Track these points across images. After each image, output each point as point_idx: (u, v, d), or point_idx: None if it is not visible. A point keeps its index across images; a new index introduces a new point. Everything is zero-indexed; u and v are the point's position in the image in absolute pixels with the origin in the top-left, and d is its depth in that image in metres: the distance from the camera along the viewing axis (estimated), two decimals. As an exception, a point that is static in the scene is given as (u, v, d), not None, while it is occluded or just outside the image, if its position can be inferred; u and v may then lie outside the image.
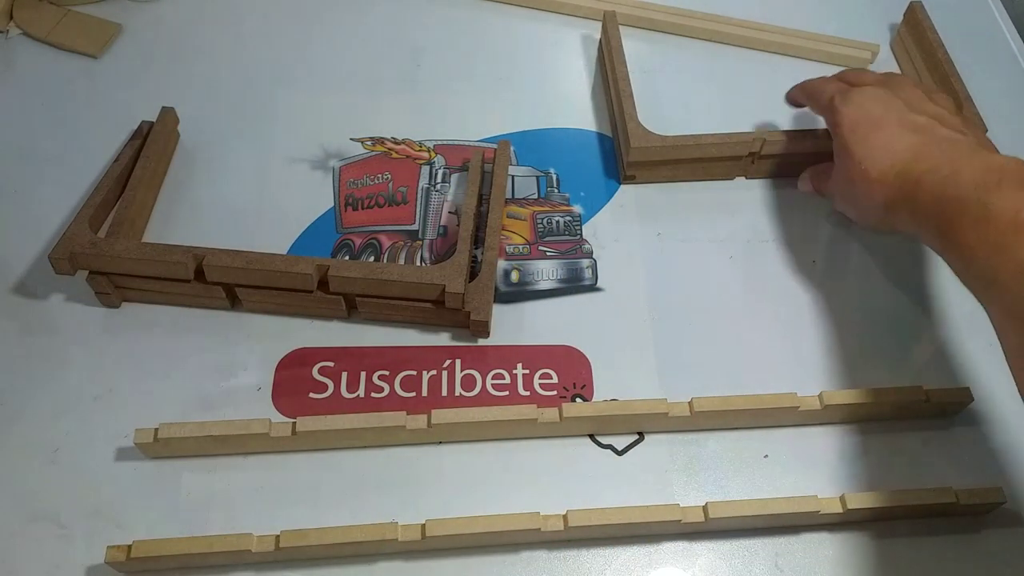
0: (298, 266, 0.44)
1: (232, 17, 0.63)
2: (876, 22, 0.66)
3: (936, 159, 0.40)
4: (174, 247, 0.45)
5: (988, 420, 0.46)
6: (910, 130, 0.43)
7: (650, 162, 0.54)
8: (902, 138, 0.42)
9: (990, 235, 0.36)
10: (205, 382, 0.45)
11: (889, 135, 0.43)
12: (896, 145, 0.42)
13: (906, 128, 0.43)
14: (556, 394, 0.45)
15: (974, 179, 0.38)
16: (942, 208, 0.38)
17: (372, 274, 0.44)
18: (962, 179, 0.38)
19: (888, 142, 0.42)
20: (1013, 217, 0.35)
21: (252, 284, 0.45)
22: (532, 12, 0.66)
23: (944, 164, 0.40)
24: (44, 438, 0.42)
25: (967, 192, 0.37)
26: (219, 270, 0.44)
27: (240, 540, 0.37)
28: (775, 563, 0.41)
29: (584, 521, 0.39)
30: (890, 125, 0.43)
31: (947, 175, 0.39)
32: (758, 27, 0.65)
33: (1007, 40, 0.68)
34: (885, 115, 0.44)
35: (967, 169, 0.38)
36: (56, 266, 0.44)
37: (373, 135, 0.57)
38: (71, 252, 0.44)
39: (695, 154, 0.53)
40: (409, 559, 0.40)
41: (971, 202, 0.37)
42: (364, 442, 0.43)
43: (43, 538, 0.39)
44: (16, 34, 0.60)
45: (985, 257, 0.36)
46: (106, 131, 0.54)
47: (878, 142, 0.43)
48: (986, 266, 0.36)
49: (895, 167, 0.41)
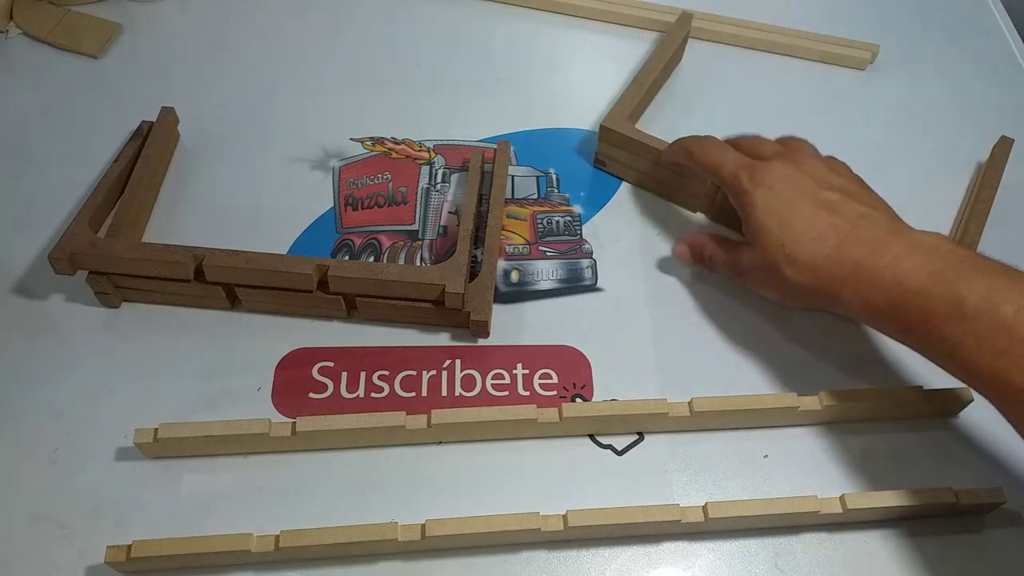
0: (298, 266, 0.44)
1: (232, 17, 0.63)
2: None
3: (866, 242, 0.40)
4: (174, 247, 0.45)
5: (988, 420, 0.46)
6: (826, 210, 0.42)
7: (622, 160, 0.54)
8: (821, 219, 0.42)
9: (978, 331, 0.35)
10: (205, 382, 0.45)
11: (808, 217, 0.42)
12: (818, 227, 0.41)
13: (822, 207, 0.42)
14: (556, 394, 0.45)
15: (922, 267, 0.38)
16: (901, 301, 0.38)
17: (372, 274, 0.44)
18: (906, 268, 0.38)
19: (809, 225, 0.42)
20: (993, 312, 0.35)
21: (252, 284, 0.45)
22: (532, 12, 0.66)
23: (877, 249, 0.40)
24: (44, 438, 0.42)
25: (924, 284, 0.37)
26: (219, 270, 0.44)
27: (240, 540, 0.37)
28: (775, 563, 0.41)
29: (584, 521, 0.39)
30: (806, 206, 0.42)
31: (887, 263, 0.39)
32: (757, 27, 0.65)
33: (1007, 40, 0.69)
34: (797, 195, 0.43)
35: (905, 255, 0.39)
36: (55, 266, 0.44)
37: (373, 135, 0.57)
38: (71, 252, 0.44)
39: (655, 157, 0.53)
40: (409, 559, 0.40)
41: (936, 296, 0.37)
42: (364, 442, 0.43)
43: (43, 538, 0.39)
44: (16, 34, 0.60)
45: (973, 352, 0.36)
46: (106, 131, 0.54)
47: (799, 225, 0.42)
48: (978, 362, 0.36)
49: (823, 251, 0.41)
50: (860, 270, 0.40)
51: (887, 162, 0.59)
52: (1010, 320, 0.35)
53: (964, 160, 0.59)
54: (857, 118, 0.62)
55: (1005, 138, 0.58)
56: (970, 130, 0.61)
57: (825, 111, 0.62)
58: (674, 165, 0.51)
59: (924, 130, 0.61)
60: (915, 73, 0.65)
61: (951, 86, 0.64)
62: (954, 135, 0.61)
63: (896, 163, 0.59)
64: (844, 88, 0.64)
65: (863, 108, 0.62)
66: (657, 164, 0.52)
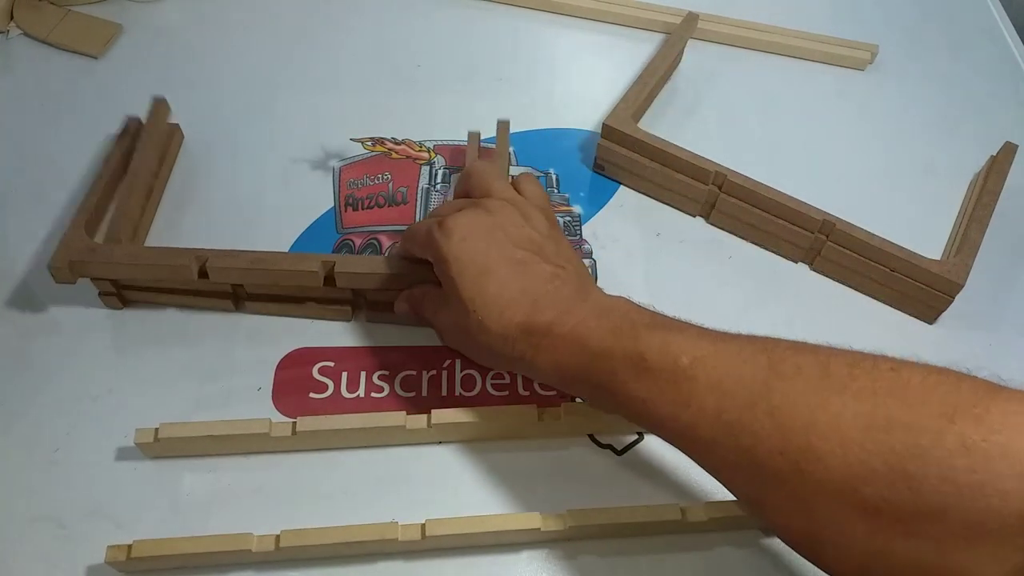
0: (303, 263, 0.44)
1: (232, 17, 0.63)
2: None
3: (555, 304, 0.39)
4: (176, 250, 0.45)
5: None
6: (518, 271, 0.40)
7: (622, 163, 0.54)
8: (513, 282, 0.39)
9: (660, 385, 0.34)
10: (205, 382, 0.45)
11: (500, 281, 0.39)
12: (510, 292, 0.39)
13: (513, 269, 0.40)
14: (556, 394, 0.45)
15: (603, 327, 0.37)
16: (588, 362, 0.37)
17: (377, 268, 0.44)
18: (590, 328, 0.37)
19: (501, 290, 0.39)
20: (672, 365, 0.34)
21: (256, 284, 0.45)
22: (532, 12, 0.66)
23: (564, 312, 0.38)
24: (44, 438, 0.42)
25: (606, 343, 0.36)
26: (223, 271, 0.44)
27: (240, 540, 0.37)
28: (774, 563, 0.41)
29: (584, 521, 0.39)
30: (498, 267, 0.40)
31: (573, 326, 0.38)
32: (757, 28, 0.65)
33: (1007, 40, 0.69)
34: (489, 253, 0.40)
35: (590, 317, 0.38)
36: (56, 276, 0.44)
37: (373, 135, 0.57)
38: (70, 260, 0.43)
39: (659, 158, 0.53)
40: (409, 559, 0.40)
41: (618, 353, 0.36)
42: (364, 442, 0.43)
43: (43, 538, 0.39)
44: (16, 34, 0.60)
45: (660, 407, 0.34)
46: (106, 131, 0.54)
47: (490, 290, 0.39)
48: (663, 416, 0.35)
49: (515, 319, 0.39)
50: (549, 336, 0.38)
51: (886, 162, 0.59)
52: (688, 371, 0.34)
53: (964, 161, 0.59)
54: (857, 118, 0.62)
55: (1010, 143, 0.57)
56: (969, 131, 0.61)
57: (825, 111, 0.62)
58: None
59: (923, 130, 0.61)
60: (915, 73, 0.65)
61: (950, 86, 0.64)
62: (953, 135, 0.61)
63: (895, 163, 0.59)
64: (844, 88, 0.64)
65: (863, 108, 0.62)
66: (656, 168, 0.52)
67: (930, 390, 0.30)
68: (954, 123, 0.62)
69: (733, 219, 0.53)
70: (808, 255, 0.52)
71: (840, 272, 0.52)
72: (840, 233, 0.49)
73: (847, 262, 0.51)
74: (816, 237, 0.50)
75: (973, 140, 0.59)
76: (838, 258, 0.51)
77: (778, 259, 0.53)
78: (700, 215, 0.54)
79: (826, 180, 0.55)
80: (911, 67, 0.65)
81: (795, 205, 0.50)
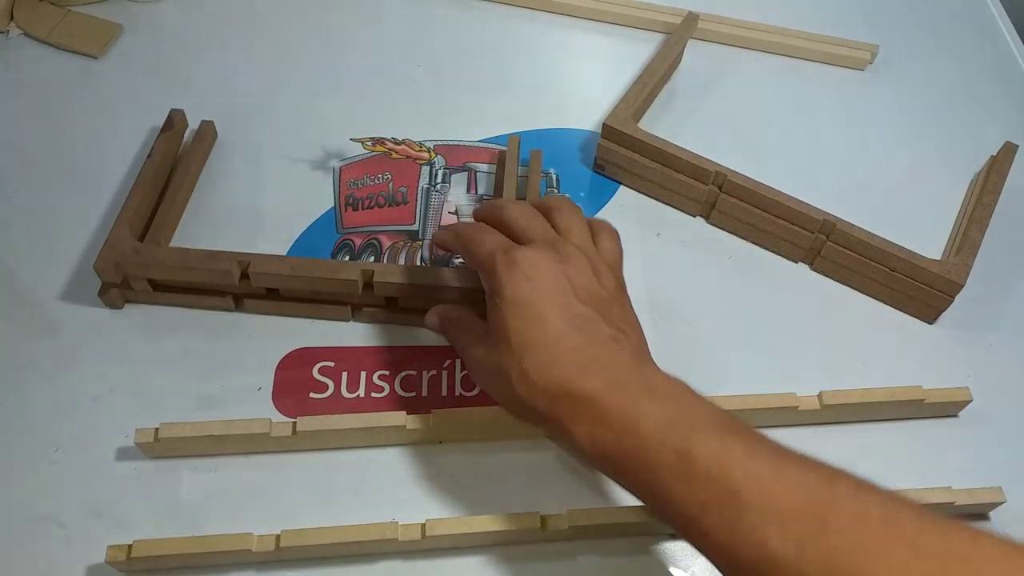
0: (343, 272, 0.44)
1: (232, 17, 0.63)
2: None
3: (606, 371, 0.35)
4: (216, 253, 0.45)
5: (988, 420, 0.46)
6: (574, 328, 0.36)
7: (622, 163, 0.54)
8: (568, 338, 0.36)
9: (707, 498, 0.31)
10: (205, 382, 0.45)
11: (555, 333, 0.36)
12: (561, 348, 0.36)
13: (571, 325, 0.36)
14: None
15: (657, 411, 0.34)
16: (629, 444, 0.34)
17: (418, 279, 0.45)
18: (643, 410, 0.34)
19: (553, 344, 0.36)
20: (723, 475, 0.31)
21: (295, 290, 0.45)
22: (532, 12, 0.66)
23: (615, 383, 0.35)
24: (44, 438, 0.42)
25: (656, 430, 0.33)
26: (264, 277, 0.44)
27: (240, 540, 0.37)
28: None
29: (584, 521, 0.39)
30: (555, 319, 0.36)
31: (622, 401, 0.34)
32: (757, 27, 0.65)
33: (1007, 40, 0.69)
34: (551, 300, 0.37)
35: (642, 396, 0.34)
36: (103, 276, 0.44)
37: (373, 135, 0.57)
38: (116, 261, 0.44)
39: (659, 158, 0.53)
40: (409, 559, 0.40)
41: (666, 446, 0.33)
42: (364, 442, 0.43)
43: (43, 538, 0.39)
44: (16, 34, 0.60)
45: (700, 520, 0.32)
46: (107, 132, 0.55)
47: (542, 341, 0.36)
48: (705, 531, 0.32)
49: (561, 378, 0.35)
50: (592, 406, 0.35)
51: (886, 162, 0.59)
52: (739, 486, 0.31)
53: (963, 161, 0.59)
54: (857, 118, 0.62)
55: (1010, 143, 0.57)
56: (969, 131, 0.61)
57: (825, 111, 0.62)
58: None
59: (923, 130, 0.61)
60: (915, 73, 0.65)
61: (951, 86, 0.64)
62: (953, 135, 0.61)
63: (895, 163, 0.59)
64: (844, 88, 0.64)
65: (863, 108, 0.62)
66: (656, 168, 0.52)
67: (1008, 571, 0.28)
68: (954, 123, 0.62)
69: (733, 219, 0.53)
70: (808, 255, 0.52)
71: (840, 272, 0.52)
72: (840, 233, 0.49)
73: (847, 262, 0.51)
74: (816, 237, 0.51)
75: (973, 140, 0.59)
76: (838, 258, 0.51)
77: (778, 259, 0.53)
78: (700, 215, 0.54)
79: (826, 180, 0.55)
80: (911, 67, 0.65)
81: (795, 205, 0.50)
